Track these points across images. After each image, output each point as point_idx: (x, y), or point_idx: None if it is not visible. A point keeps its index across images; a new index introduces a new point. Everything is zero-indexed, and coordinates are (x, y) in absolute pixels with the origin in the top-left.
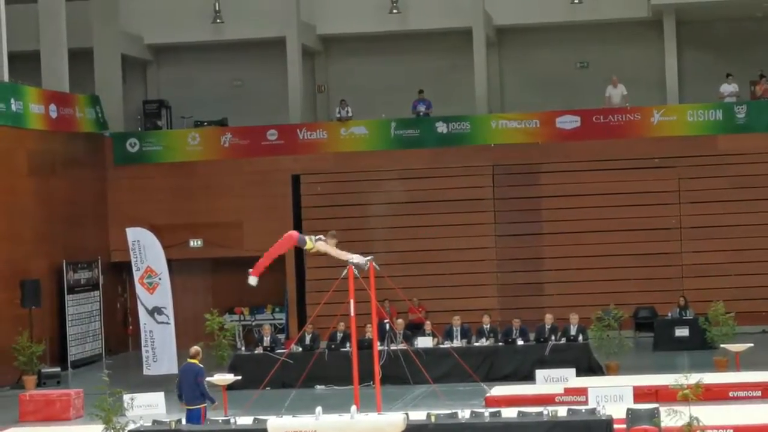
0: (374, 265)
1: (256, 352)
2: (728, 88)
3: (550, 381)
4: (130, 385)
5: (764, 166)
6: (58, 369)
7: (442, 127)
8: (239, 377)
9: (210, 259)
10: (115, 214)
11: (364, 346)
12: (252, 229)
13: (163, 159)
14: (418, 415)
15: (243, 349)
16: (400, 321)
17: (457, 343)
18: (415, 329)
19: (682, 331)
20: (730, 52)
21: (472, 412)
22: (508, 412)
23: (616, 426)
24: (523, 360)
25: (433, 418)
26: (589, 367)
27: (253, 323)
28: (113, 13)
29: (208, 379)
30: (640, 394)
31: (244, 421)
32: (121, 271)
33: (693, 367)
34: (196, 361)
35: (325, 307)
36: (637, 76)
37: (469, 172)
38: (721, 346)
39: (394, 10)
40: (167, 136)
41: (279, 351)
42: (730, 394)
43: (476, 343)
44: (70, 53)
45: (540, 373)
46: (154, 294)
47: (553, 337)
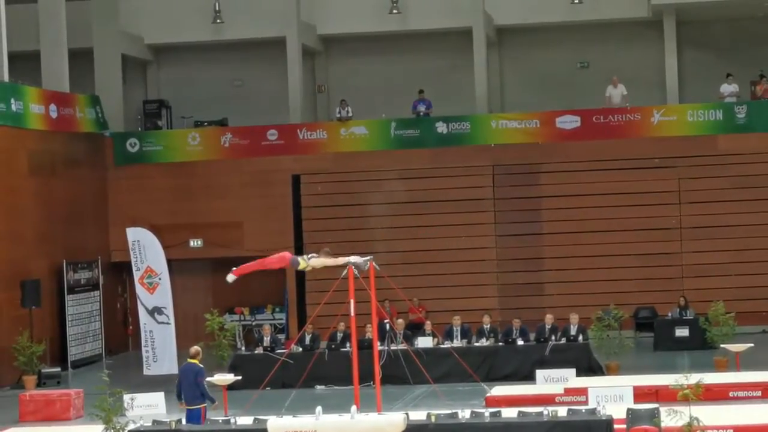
0: (374, 265)
1: (256, 352)
2: (728, 88)
3: (551, 381)
4: (131, 385)
5: (764, 166)
6: (59, 369)
7: (442, 127)
8: (239, 377)
9: (210, 259)
10: (116, 214)
11: (364, 346)
12: (252, 229)
13: (164, 159)
14: (419, 415)
15: (243, 349)
16: (400, 321)
17: (458, 343)
18: (415, 329)
19: (683, 331)
20: (731, 52)
21: (473, 412)
22: (509, 412)
23: (616, 426)
24: (524, 360)
25: (434, 418)
26: (590, 367)
27: (253, 323)
28: (113, 13)
29: (209, 379)
30: (641, 394)
31: (245, 421)
32: (121, 271)
33: (693, 367)
34: (197, 361)
35: (325, 307)
36: (638, 76)
37: (470, 172)
38: (722, 346)
39: (395, 10)
40: (167, 136)
41: (279, 351)
42: (731, 394)
43: (476, 343)
44: (70, 53)
45: (540, 373)
46: (155, 294)
47: (553, 337)
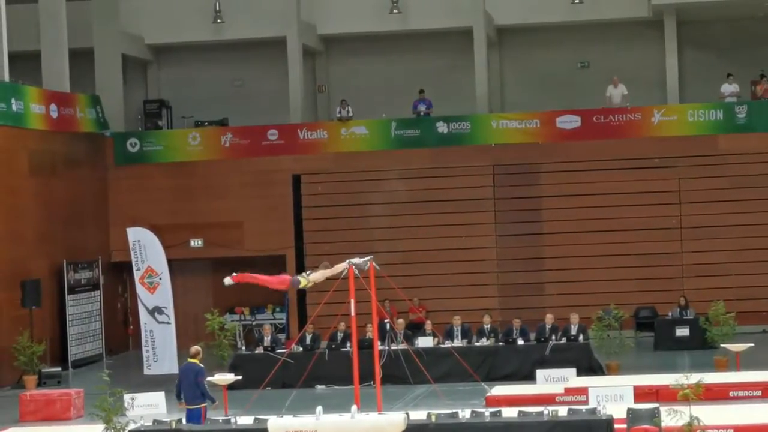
0: (374, 264)
1: (256, 352)
2: (729, 88)
3: (551, 381)
4: (131, 385)
5: (765, 165)
6: (59, 369)
7: (442, 127)
8: (240, 377)
9: (210, 259)
10: (116, 214)
11: (365, 346)
12: (252, 229)
13: (164, 159)
14: (419, 415)
15: (243, 348)
16: (400, 321)
17: (458, 342)
18: (415, 329)
19: (683, 331)
20: (731, 52)
21: (473, 412)
22: (509, 412)
23: (616, 426)
24: (524, 360)
25: (434, 418)
26: (590, 367)
27: (254, 323)
28: (113, 13)
29: (209, 378)
30: (641, 394)
31: (245, 420)
32: (121, 271)
33: (693, 366)
34: (197, 361)
35: (325, 306)
36: (638, 76)
37: (470, 172)
38: (722, 345)
39: (395, 10)
40: (168, 136)
41: (279, 351)
42: (731, 394)
43: (477, 343)
44: (71, 53)
45: (540, 373)
46: (155, 294)
47: (553, 337)
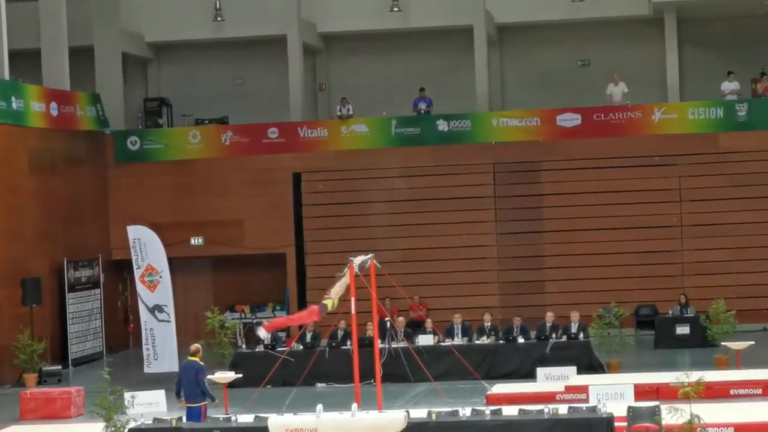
0: (375, 262)
1: (256, 350)
2: (729, 86)
3: (551, 379)
4: (131, 383)
5: (765, 163)
6: (59, 367)
7: (443, 125)
8: (240, 375)
9: (211, 257)
10: (116, 212)
11: (365, 344)
12: (253, 227)
13: (164, 157)
14: (419, 413)
15: (244, 347)
16: (401, 319)
17: (458, 340)
18: (416, 327)
19: (683, 329)
20: (731, 50)
21: (473, 410)
22: (509, 410)
23: (617, 424)
24: (524, 358)
25: (434, 416)
26: (590, 365)
27: (254, 321)
28: (114, 11)
29: (209, 377)
30: (641, 392)
31: (245, 419)
32: (122, 269)
33: (694, 364)
34: (197, 359)
35: None
36: (638, 74)
37: (470, 170)
38: (722, 343)
39: (395, 8)
40: (168, 134)
41: (280, 349)
42: (731, 392)
43: (477, 341)
44: (71, 51)
45: (541, 371)
46: (155, 292)
47: (554, 335)
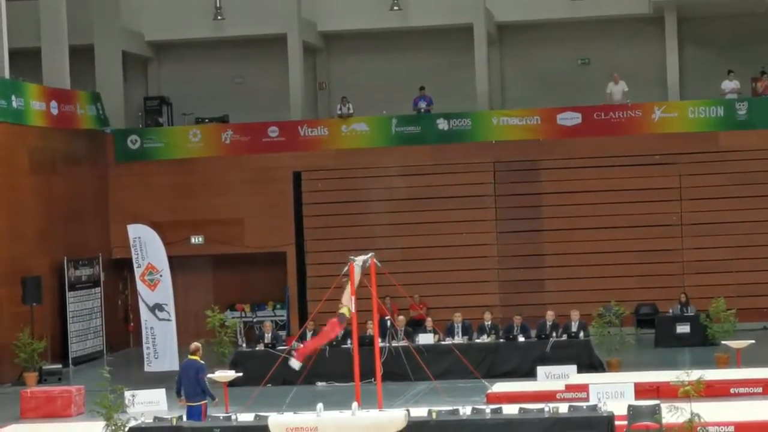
0: (375, 261)
1: (257, 349)
2: (729, 85)
3: (552, 378)
4: (131, 382)
5: (765, 162)
6: (59, 366)
7: (443, 124)
8: (240, 374)
9: (211, 256)
10: (116, 211)
11: (365, 343)
12: (253, 226)
13: (164, 156)
14: (420, 412)
15: (244, 345)
16: (401, 318)
17: (459, 339)
18: (416, 326)
19: (684, 328)
20: (732, 49)
21: (474, 409)
22: (510, 409)
23: (617, 422)
24: (525, 357)
25: (435, 415)
26: (591, 364)
27: (255, 320)
28: (114, 9)
29: (210, 375)
30: (642, 391)
31: (246, 417)
32: (122, 268)
33: (694, 363)
34: (197, 358)
35: (326, 303)
36: (639, 73)
37: (470, 169)
38: (722, 342)
39: (395, 7)
40: (168, 133)
41: (280, 348)
42: (732, 391)
43: (477, 340)
44: (71, 50)
45: (541, 370)
46: (155, 291)
47: (554, 334)
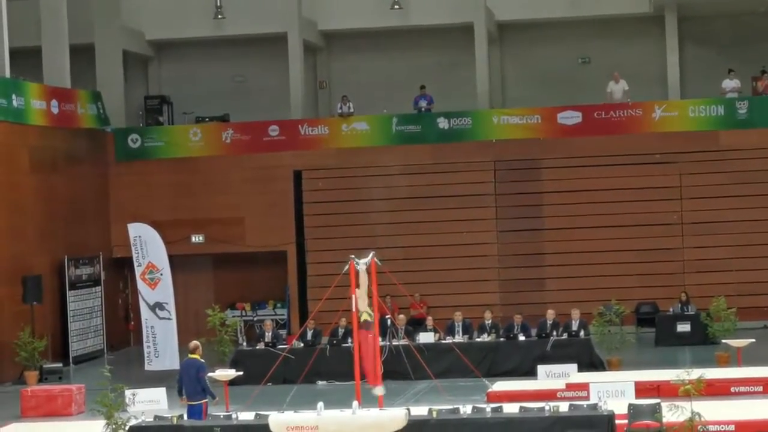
0: (376, 260)
1: (257, 348)
2: (730, 84)
3: (552, 376)
4: (132, 381)
5: (765, 161)
6: (60, 365)
7: (443, 123)
8: (241, 373)
9: (211, 255)
10: (117, 210)
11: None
12: (253, 225)
13: (165, 155)
14: (420, 411)
15: (244, 344)
16: (401, 316)
17: (459, 338)
18: (416, 325)
19: (684, 327)
20: (732, 48)
21: (474, 408)
22: (510, 408)
23: (617, 421)
24: (525, 355)
25: (435, 414)
26: (591, 363)
27: (255, 319)
28: (115, 8)
29: (210, 374)
30: (642, 390)
31: (246, 416)
32: (122, 267)
33: (695, 362)
34: (197, 356)
35: (326, 302)
36: (639, 72)
37: (471, 168)
38: (723, 341)
39: (396, 6)
40: (169, 132)
41: (281, 346)
42: (732, 390)
43: (478, 339)
44: (72, 49)
45: (542, 369)
46: (156, 290)
47: (554, 333)
